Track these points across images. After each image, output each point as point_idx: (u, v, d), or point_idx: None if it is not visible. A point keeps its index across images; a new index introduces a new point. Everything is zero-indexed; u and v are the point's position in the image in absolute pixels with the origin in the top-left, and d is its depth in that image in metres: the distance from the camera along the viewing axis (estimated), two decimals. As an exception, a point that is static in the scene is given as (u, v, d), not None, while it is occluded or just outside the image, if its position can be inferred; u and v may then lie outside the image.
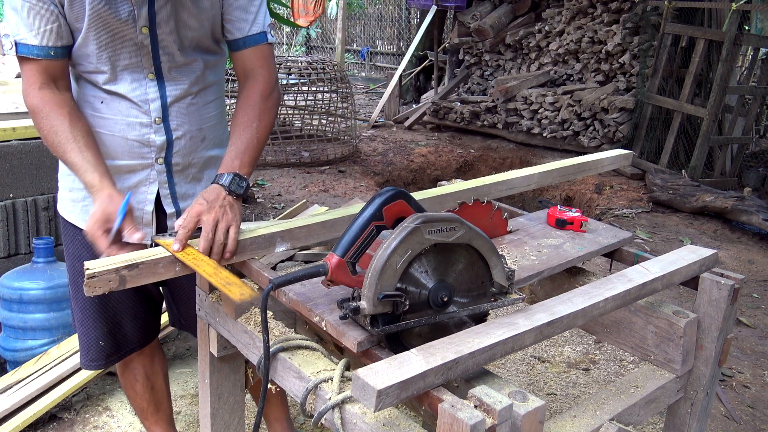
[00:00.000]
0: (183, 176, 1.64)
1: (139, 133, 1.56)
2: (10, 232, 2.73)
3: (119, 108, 1.54)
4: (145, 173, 1.60)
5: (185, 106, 1.58)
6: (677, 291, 3.75)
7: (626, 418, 1.25)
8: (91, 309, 1.72)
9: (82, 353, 1.81)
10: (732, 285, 1.37)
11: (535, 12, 7.65)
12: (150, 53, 1.51)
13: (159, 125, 1.56)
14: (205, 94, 1.63)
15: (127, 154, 1.57)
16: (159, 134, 1.56)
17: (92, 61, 1.50)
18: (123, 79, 1.52)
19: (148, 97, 1.54)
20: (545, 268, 1.42)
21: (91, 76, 1.53)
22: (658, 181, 5.59)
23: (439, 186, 1.77)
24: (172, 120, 1.57)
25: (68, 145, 1.42)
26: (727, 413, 2.72)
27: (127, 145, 1.56)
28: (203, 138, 1.65)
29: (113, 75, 1.52)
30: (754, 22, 7.35)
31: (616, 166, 2.14)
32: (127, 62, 1.51)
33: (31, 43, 1.43)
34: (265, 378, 1.15)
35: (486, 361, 0.99)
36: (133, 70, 1.52)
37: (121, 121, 1.55)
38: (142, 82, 1.53)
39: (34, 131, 2.78)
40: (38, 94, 1.45)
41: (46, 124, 1.44)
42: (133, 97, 1.53)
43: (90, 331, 1.75)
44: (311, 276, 1.12)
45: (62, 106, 1.46)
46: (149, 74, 1.53)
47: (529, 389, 2.84)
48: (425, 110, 8.21)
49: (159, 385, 1.98)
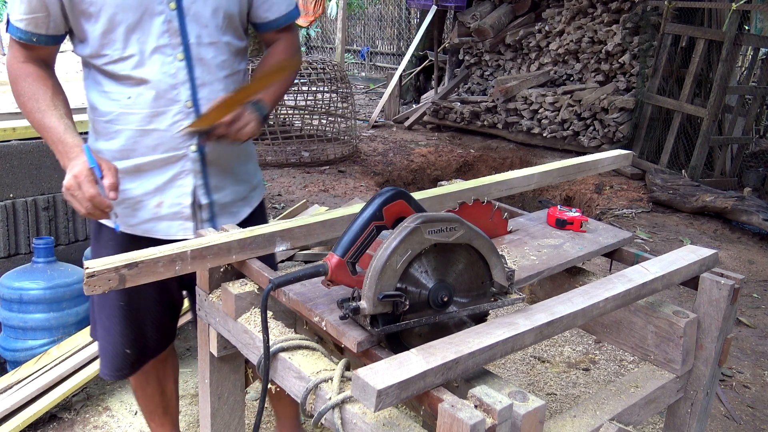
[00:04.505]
0: (215, 167, 1.63)
1: (171, 121, 1.54)
2: (10, 232, 2.73)
3: (148, 98, 1.52)
4: (179, 165, 1.58)
5: (215, 91, 1.57)
6: (677, 291, 3.75)
7: (626, 418, 1.25)
8: (119, 317, 1.69)
9: (105, 363, 1.77)
10: (732, 285, 1.37)
11: (535, 12, 7.65)
12: (178, 31, 1.49)
13: (190, 109, 1.55)
14: (233, 82, 1.62)
15: (160, 147, 1.55)
16: (189, 118, 1.55)
17: (119, 47, 1.48)
18: (152, 63, 1.50)
19: (177, 81, 1.52)
20: (545, 268, 1.42)
21: (117, 66, 1.50)
22: (658, 181, 5.59)
23: (439, 186, 1.76)
24: (203, 105, 1.55)
25: (48, 111, 1.47)
26: (727, 413, 2.72)
27: (159, 137, 1.55)
28: None
29: (142, 59, 1.49)
30: (754, 22, 7.35)
31: (616, 166, 2.14)
32: (156, 44, 1.49)
33: (17, 26, 1.48)
34: (265, 378, 1.15)
35: (486, 361, 0.99)
36: (162, 52, 1.50)
37: (151, 113, 1.53)
38: (171, 64, 1.51)
39: (34, 131, 2.78)
40: (22, 65, 1.51)
41: (28, 90, 1.48)
42: (163, 81, 1.51)
43: (116, 339, 1.72)
44: (311, 276, 1.12)
45: (45, 79, 1.52)
46: (178, 55, 1.51)
47: (529, 389, 2.84)
48: (425, 110, 8.21)
49: (170, 388, 1.98)
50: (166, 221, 1.61)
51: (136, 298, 1.68)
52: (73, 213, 2.93)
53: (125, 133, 1.54)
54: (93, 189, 1.35)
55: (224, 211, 1.67)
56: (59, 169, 2.82)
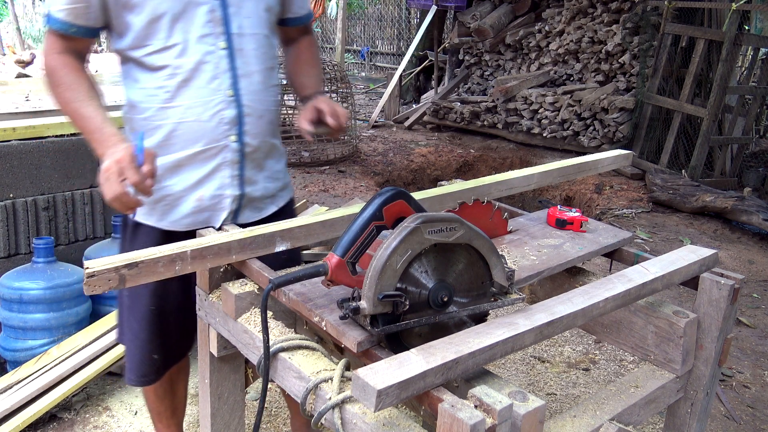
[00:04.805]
0: (251, 160, 1.64)
1: (213, 111, 1.55)
2: (10, 232, 2.73)
3: (189, 89, 1.53)
4: (220, 157, 1.59)
5: (254, 83, 1.60)
6: (677, 291, 3.75)
7: (626, 418, 1.25)
8: (148, 321, 1.68)
9: (131, 369, 1.76)
10: (732, 285, 1.37)
11: (535, 12, 7.65)
12: (221, 20, 1.52)
13: (231, 98, 1.56)
14: (269, 77, 1.65)
15: (200, 138, 1.56)
16: (231, 107, 1.56)
17: (162, 36, 1.49)
18: (195, 52, 1.52)
19: (219, 71, 1.54)
20: (545, 268, 1.42)
21: (159, 57, 1.51)
22: (658, 181, 5.59)
23: (439, 186, 1.76)
24: (243, 95, 1.57)
25: (86, 101, 1.48)
26: (727, 413, 2.72)
27: (200, 128, 1.55)
28: (270, 121, 1.67)
29: (185, 48, 1.51)
30: (754, 22, 7.35)
31: (616, 166, 2.14)
32: (200, 33, 1.51)
33: (56, 17, 1.49)
34: (265, 378, 1.15)
35: (486, 361, 0.99)
36: (205, 41, 1.52)
37: (192, 103, 1.54)
38: (213, 54, 1.53)
39: (34, 131, 2.78)
40: (59, 56, 1.52)
41: (66, 80, 1.50)
42: (205, 70, 1.53)
43: (145, 344, 1.71)
44: (311, 276, 1.12)
45: (82, 71, 1.54)
46: (221, 43, 1.53)
47: (529, 389, 2.84)
48: (425, 110, 8.21)
49: (180, 391, 1.98)
50: (207, 212, 1.63)
51: (165, 303, 1.68)
52: (73, 213, 2.93)
53: (165, 127, 1.55)
54: (136, 175, 1.33)
55: (250, 204, 1.68)
56: (59, 169, 2.84)
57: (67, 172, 2.88)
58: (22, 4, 16.03)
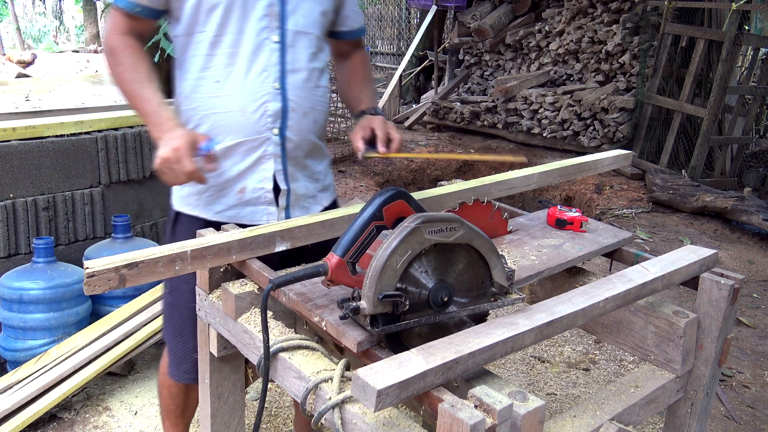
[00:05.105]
0: (292, 156, 1.65)
1: (258, 102, 1.57)
2: (10, 232, 2.73)
3: (238, 79, 1.56)
4: (262, 149, 1.60)
5: (301, 80, 1.61)
6: (677, 291, 3.75)
7: (626, 418, 1.25)
8: (191, 318, 1.67)
9: (174, 365, 1.78)
10: (732, 285, 1.37)
11: (535, 12, 7.65)
12: (278, 15, 1.55)
13: (277, 90, 1.57)
14: (317, 77, 1.66)
15: (243, 129, 1.58)
16: (276, 100, 1.58)
17: (217, 25, 1.53)
18: (248, 44, 1.55)
19: (269, 63, 1.56)
20: (545, 268, 1.42)
21: (212, 45, 1.55)
22: (658, 181, 5.59)
23: (439, 186, 1.76)
24: (289, 90, 1.59)
25: (146, 83, 1.52)
26: (727, 413, 2.72)
27: (244, 119, 1.57)
28: (315, 120, 1.67)
29: (239, 39, 1.54)
30: (754, 22, 7.36)
31: (616, 166, 2.14)
32: (255, 25, 1.54)
33: None
34: (265, 378, 1.15)
35: (486, 361, 0.99)
36: (260, 34, 1.55)
37: (239, 94, 1.56)
38: (265, 46, 1.56)
39: (34, 131, 2.78)
40: (121, 37, 1.56)
41: (127, 61, 1.54)
42: (254, 60, 1.55)
43: (187, 341, 1.71)
44: (311, 276, 1.12)
45: (143, 53, 1.58)
46: (274, 37, 1.56)
47: (529, 389, 2.84)
48: (425, 110, 8.21)
49: (194, 392, 1.98)
50: (250, 206, 1.64)
51: None
52: (73, 213, 2.93)
53: (212, 117, 1.58)
54: (192, 164, 1.40)
55: (297, 203, 1.70)
56: (59, 169, 2.84)
57: (67, 172, 2.88)
58: (22, 4, 16.03)
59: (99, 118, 3.01)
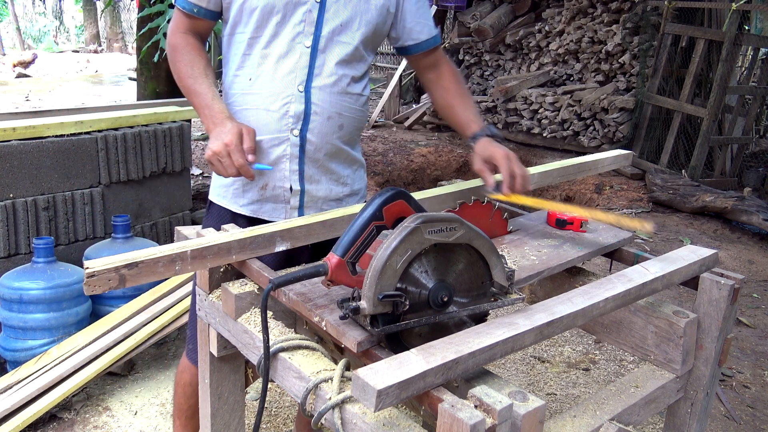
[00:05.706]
0: (312, 159, 1.67)
1: (281, 102, 1.61)
2: (10, 232, 2.73)
3: (266, 79, 1.61)
4: (282, 148, 1.64)
5: (329, 84, 1.63)
6: (677, 291, 3.75)
7: (626, 418, 1.25)
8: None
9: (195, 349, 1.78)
10: (732, 285, 1.36)
11: (535, 12, 7.65)
12: (315, 22, 1.59)
13: (300, 93, 1.61)
14: (351, 84, 1.68)
15: (265, 127, 1.62)
16: (299, 102, 1.61)
17: (256, 23, 1.59)
18: (281, 46, 1.60)
19: (298, 66, 1.60)
20: (545, 268, 1.42)
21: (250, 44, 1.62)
22: (658, 181, 5.59)
23: (439, 186, 1.76)
24: (314, 93, 1.62)
25: (201, 78, 1.61)
26: (727, 413, 2.72)
27: (268, 117, 1.62)
28: (341, 125, 1.68)
29: (273, 41, 1.60)
30: (754, 22, 7.36)
31: (616, 166, 2.14)
32: (292, 29, 1.59)
33: None
34: (265, 378, 1.15)
35: (486, 361, 0.99)
36: (294, 38, 1.59)
37: (266, 93, 1.61)
38: (296, 49, 1.60)
39: (34, 131, 2.78)
40: (182, 36, 1.66)
41: (186, 57, 1.63)
42: (283, 62, 1.60)
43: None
44: (311, 276, 1.12)
45: (201, 51, 1.67)
46: (306, 41, 1.60)
47: (529, 389, 2.84)
48: (425, 110, 8.21)
49: None
50: (270, 203, 1.69)
51: None
52: (73, 213, 2.93)
53: (243, 113, 1.64)
54: (242, 158, 1.46)
55: (314, 205, 1.72)
56: (59, 169, 2.84)
57: (67, 172, 2.88)
58: (22, 4, 16.03)
59: (99, 118, 3.02)
